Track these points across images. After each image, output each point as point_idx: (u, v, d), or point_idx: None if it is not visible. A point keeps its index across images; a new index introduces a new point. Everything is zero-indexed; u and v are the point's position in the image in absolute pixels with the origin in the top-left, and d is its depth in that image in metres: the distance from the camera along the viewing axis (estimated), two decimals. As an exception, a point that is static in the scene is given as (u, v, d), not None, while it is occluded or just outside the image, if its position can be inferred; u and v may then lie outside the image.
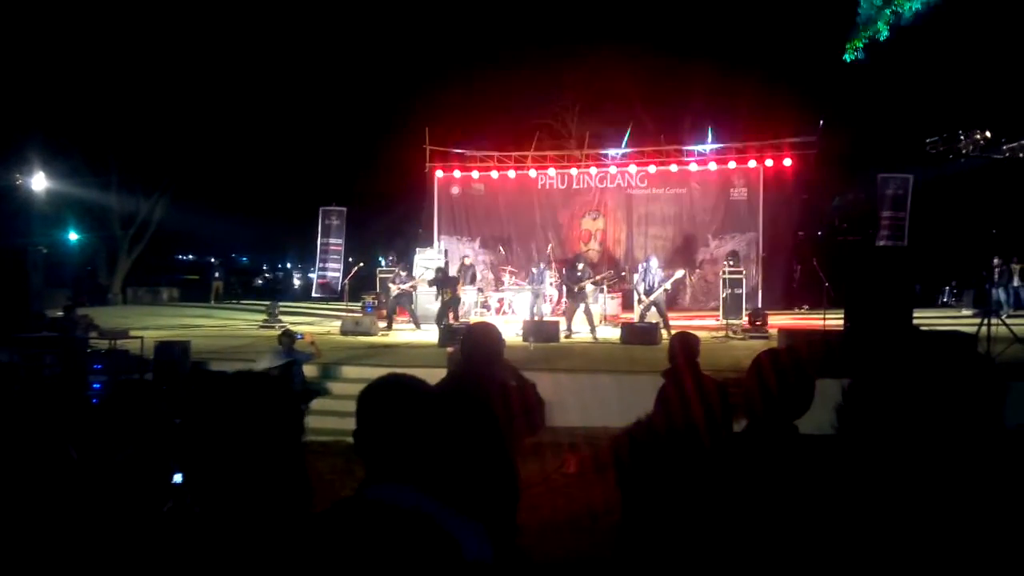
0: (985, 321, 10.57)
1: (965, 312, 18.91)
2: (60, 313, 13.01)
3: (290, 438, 1.47)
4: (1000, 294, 17.59)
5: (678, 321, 14.98)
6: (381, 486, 1.85)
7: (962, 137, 8.58)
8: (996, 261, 17.63)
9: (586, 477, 5.20)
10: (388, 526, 1.32)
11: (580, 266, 14.83)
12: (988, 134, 8.62)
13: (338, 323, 15.99)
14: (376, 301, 17.61)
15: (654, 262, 14.62)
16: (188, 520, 1.33)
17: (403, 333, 15.69)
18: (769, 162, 19.25)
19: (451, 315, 15.12)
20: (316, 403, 10.01)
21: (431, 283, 16.19)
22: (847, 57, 15.53)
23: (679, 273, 15.10)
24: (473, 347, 3.70)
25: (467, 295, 17.30)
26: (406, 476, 1.86)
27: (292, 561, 1.25)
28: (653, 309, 14.14)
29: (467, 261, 17.88)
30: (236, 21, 26.37)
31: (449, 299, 15.16)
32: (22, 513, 1.39)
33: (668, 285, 14.38)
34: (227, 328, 17.67)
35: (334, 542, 1.26)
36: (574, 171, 20.74)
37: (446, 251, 19.08)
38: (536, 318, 14.89)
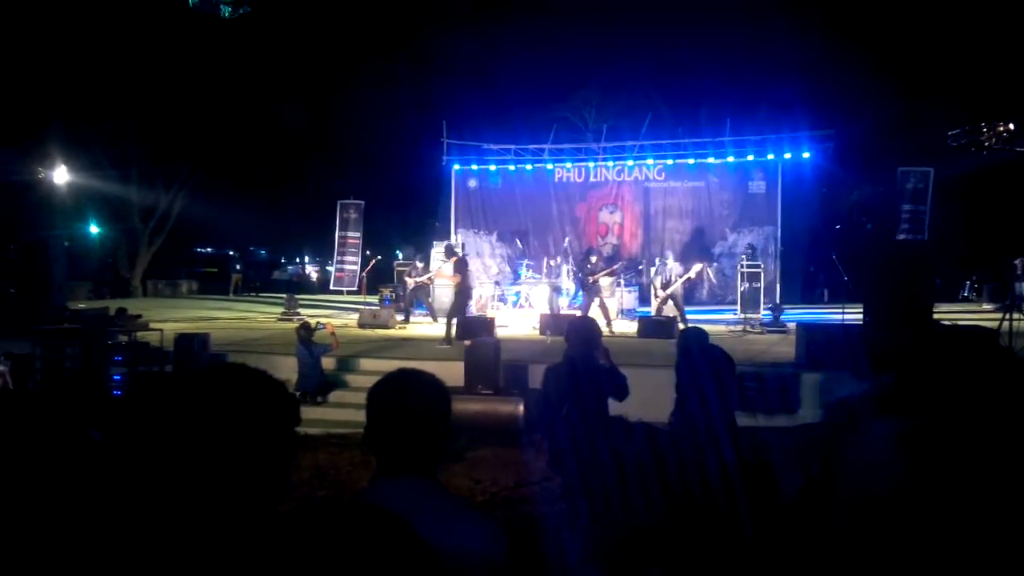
0: (1007, 316, 10.45)
1: (986, 307, 18.71)
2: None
3: (275, 436, 1.36)
4: (1022, 288, 17.35)
5: (696, 315, 14.93)
6: (392, 480, 1.85)
7: (985, 129, 8.48)
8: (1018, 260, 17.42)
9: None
10: (348, 526, 1.28)
11: (593, 259, 14.74)
12: (1012, 126, 8.51)
13: (356, 316, 16.05)
14: (394, 294, 17.62)
15: (671, 259, 14.52)
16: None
17: (420, 326, 15.72)
18: (788, 155, 19.11)
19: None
20: (334, 395, 10.08)
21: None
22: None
23: (696, 267, 15.01)
24: (577, 336, 4.67)
25: (484, 288, 17.33)
26: (419, 469, 1.86)
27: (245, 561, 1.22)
28: (670, 303, 14.08)
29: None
30: (256, 15, 26.46)
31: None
32: (38, 504, 1.38)
33: (689, 276, 14.32)
34: (246, 320, 17.78)
35: (291, 544, 1.24)
36: (591, 164, 20.66)
37: (463, 244, 19.06)
38: (554, 311, 14.86)
